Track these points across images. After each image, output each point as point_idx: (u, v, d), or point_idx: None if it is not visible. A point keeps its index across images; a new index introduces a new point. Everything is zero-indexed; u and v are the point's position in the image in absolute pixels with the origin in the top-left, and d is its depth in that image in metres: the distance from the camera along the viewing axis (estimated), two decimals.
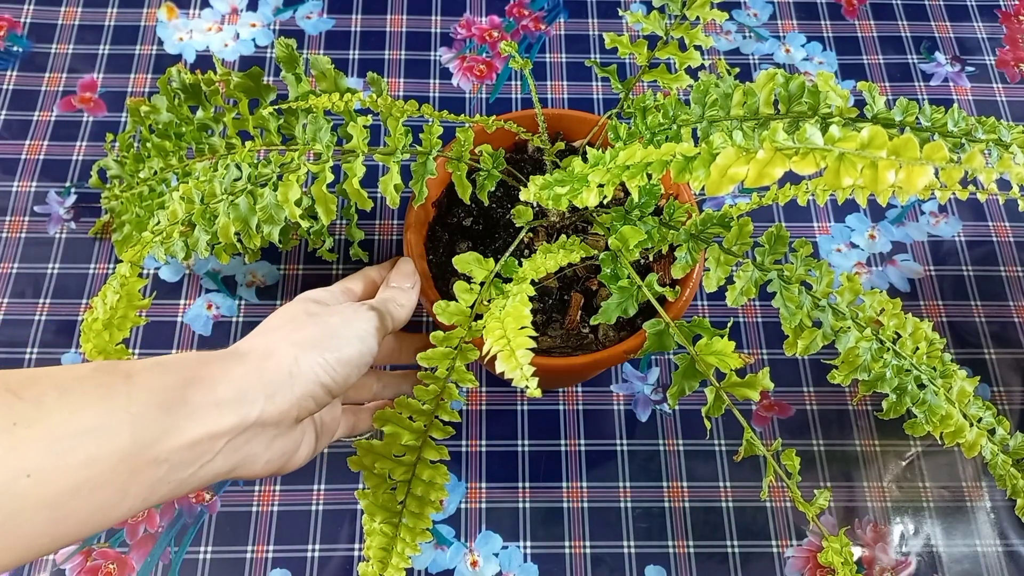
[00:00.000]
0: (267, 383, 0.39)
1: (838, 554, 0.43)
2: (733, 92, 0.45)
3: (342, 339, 0.42)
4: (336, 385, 0.42)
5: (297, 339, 0.42)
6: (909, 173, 0.24)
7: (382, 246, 0.68)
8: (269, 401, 0.39)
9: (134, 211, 0.59)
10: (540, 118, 0.52)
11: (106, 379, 0.35)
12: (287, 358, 0.40)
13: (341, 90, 0.52)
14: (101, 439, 0.33)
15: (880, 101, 0.44)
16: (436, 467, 0.44)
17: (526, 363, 0.34)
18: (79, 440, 0.32)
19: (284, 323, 0.43)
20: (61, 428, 0.32)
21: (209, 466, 0.37)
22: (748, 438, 0.43)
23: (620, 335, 0.51)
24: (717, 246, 0.45)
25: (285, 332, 0.42)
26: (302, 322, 0.43)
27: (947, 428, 0.45)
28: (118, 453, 0.33)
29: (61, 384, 0.33)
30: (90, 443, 0.32)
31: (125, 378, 0.35)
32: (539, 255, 0.45)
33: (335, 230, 0.67)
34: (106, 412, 0.33)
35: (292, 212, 0.45)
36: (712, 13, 0.47)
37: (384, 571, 0.43)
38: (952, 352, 0.65)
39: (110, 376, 0.35)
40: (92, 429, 0.33)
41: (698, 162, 0.31)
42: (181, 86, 0.55)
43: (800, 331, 0.45)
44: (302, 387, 0.40)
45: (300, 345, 0.41)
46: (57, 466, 0.31)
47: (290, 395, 0.40)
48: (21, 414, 0.31)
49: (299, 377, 0.40)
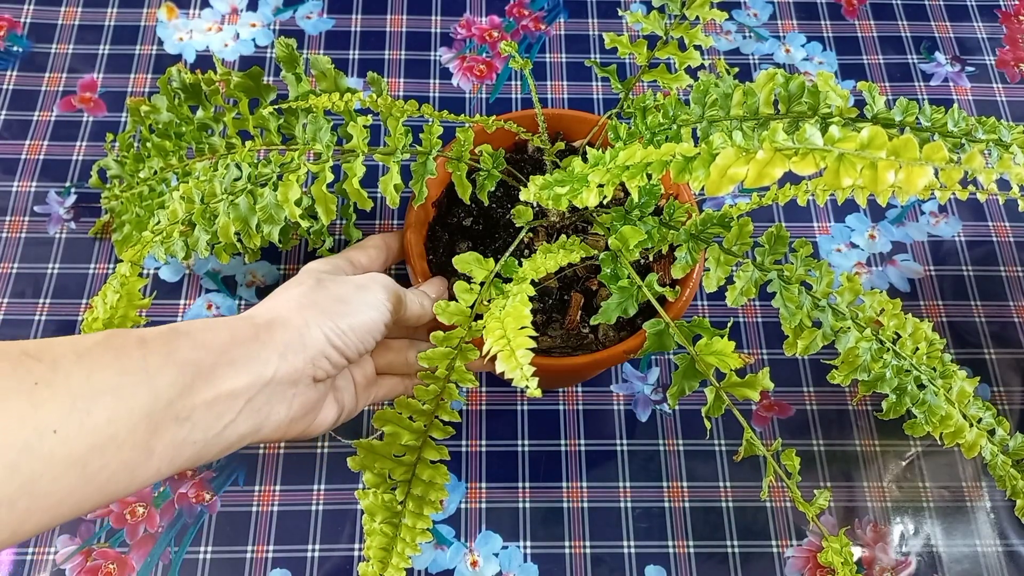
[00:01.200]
0: (279, 343, 0.40)
1: (838, 554, 0.43)
2: (733, 92, 0.45)
3: (352, 306, 0.43)
4: (348, 349, 0.42)
5: (306, 303, 0.42)
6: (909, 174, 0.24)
7: None
8: (283, 360, 0.39)
9: (134, 211, 0.59)
10: (540, 118, 0.52)
11: (119, 343, 0.35)
12: (298, 321, 0.41)
13: (341, 90, 0.52)
14: (121, 397, 0.33)
15: (880, 101, 0.44)
16: (436, 467, 0.44)
17: (526, 363, 0.34)
18: (100, 398, 0.33)
19: (293, 290, 0.44)
20: (81, 387, 0.32)
21: (232, 427, 0.37)
22: (748, 438, 0.43)
23: (620, 335, 0.51)
24: (717, 246, 0.45)
25: (295, 298, 0.43)
26: (311, 288, 0.44)
27: (947, 429, 0.45)
28: (138, 411, 0.34)
29: (77, 348, 0.34)
30: (110, 401, 0.33)
31: (139, 342, 0.36)
32: (539, 255, 0.45)
33: (334, 230, 0.67)
34: (123, 373, 0.34)
35: (292, 212, 0.45)
36: (712, 13, 0.47)
37: (384, 571, 0.43)
38: (952, 352, 0.65)
39: (123, 340, 0.35)
40: (112, 388, 0.33)
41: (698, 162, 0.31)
42: (181, 86, 0.55)
43: (800, 331, 0.45)
44: (313, 347, 0.41)
45: (309, 309, 0.42)
46: (82, 423, 0.32)
47: (303, 354, 0.40)
48: (41, 375, 0.32)
49: (310, 339, 0.41)
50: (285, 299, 0.43)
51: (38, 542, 0.56)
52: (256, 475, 0.59)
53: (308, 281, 0.44)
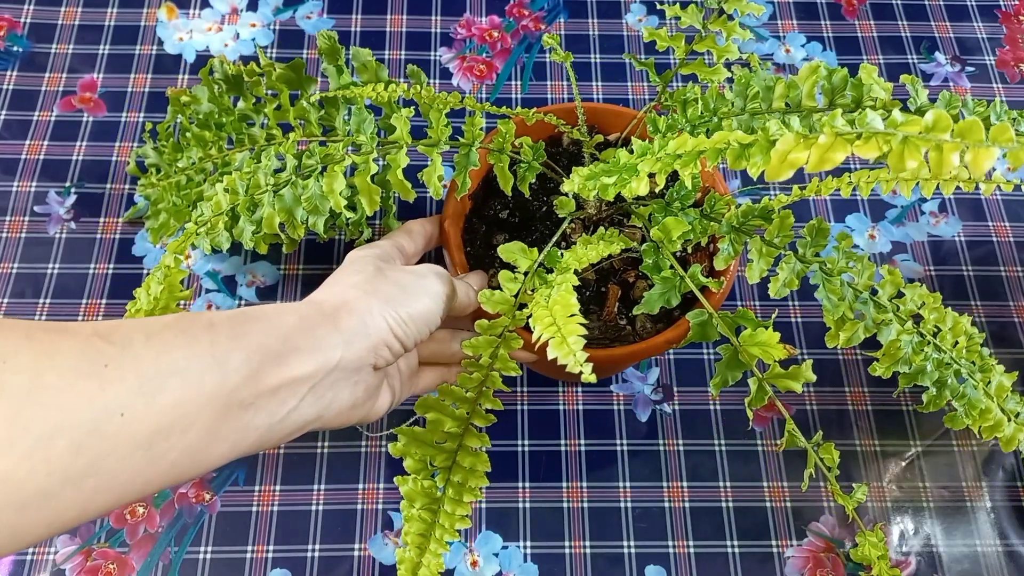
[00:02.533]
0: (344, 330, 0.40)
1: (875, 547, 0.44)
2: (775, 85, 0.45)
3: (413, 295, 0.43)
4: (407, 338, 0.43)
5: (370, 290, 0.42)
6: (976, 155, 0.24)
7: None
8: (348, 347, 0.39)
9: (171, 199, 0.59)
10: (580, 111, 0.53)
11: (189, 326, 0.35)
12: (361, 308, 0.41)
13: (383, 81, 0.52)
14: (188, 380, 0.33)
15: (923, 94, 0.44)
16: (477, 454, 0.44)
17: (579, 349, 0.34)
18: (167, 381, 0.33)
19: (355, 276, 0.44)
20: (150, 369, 0.33)
21: (296, 413, 0.38)
22: (790, 429, 0.44)
23: (656, 327, 0.52)
24: (759, 238, 0.46)
25: (358, 285, 0.43)
26: (372, 275, 0.44)
27: (986, 422, 0.46)
28: (205, 395, 0.34)
29: (147, 330, 0.34)
30: (178, 384, 0.33)
31: (208, 326, 0.36)
32: (580, 246, 0.46)
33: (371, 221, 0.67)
34: (192, 356, 0.34)
35: (337, 203, 0.45)
36: (750, 7, 0.48)
37: (422, 556, 0.43)
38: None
39: (192, 323, 0.36)
40: (179, 371, 0.33)
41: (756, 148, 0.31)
42: (223, 77, 0.56)
43: (842, 323, 0.46)
44: (376, 335, 0.41)
45: (373, 296, 0.42)
46: (149, 404, 0.32)
47: (366, 342, 0.40)
48: (110, 356, 0.32)
49: (373, 327, 0.41)
50: (348, 285, 0.43)
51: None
52: (256, 475, 0.59)
53: (368, 268, 0.44)
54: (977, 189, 0.70)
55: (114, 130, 0.71)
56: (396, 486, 0.59)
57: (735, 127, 0.46)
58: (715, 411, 0.62)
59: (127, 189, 0.69)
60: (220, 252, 0.66)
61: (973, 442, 0.62)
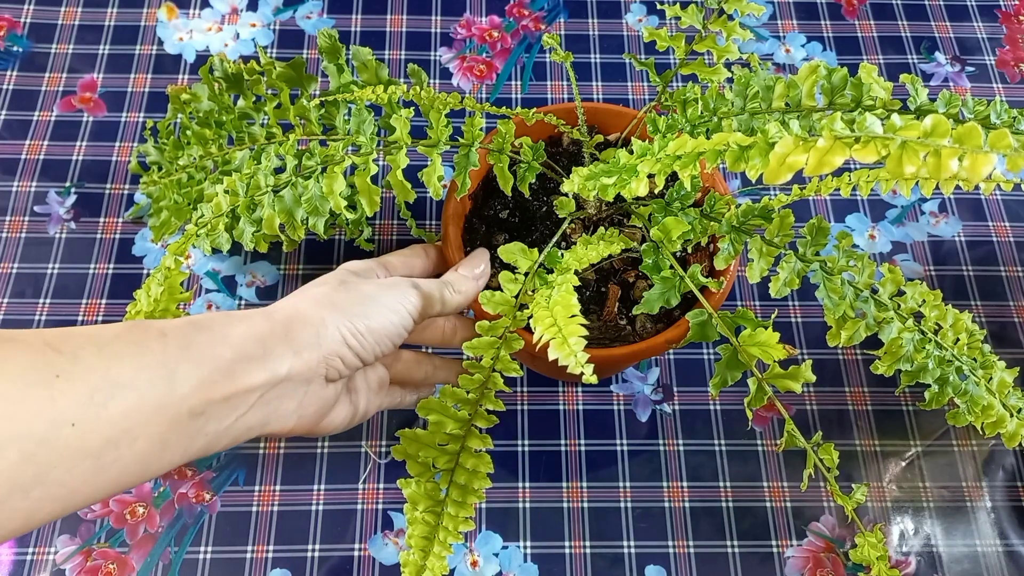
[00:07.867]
0: (293, 340, 0.40)
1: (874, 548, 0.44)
2: (775, 85, 0.45)
3: (372, 308, 0.43)
4: (364, 351, 0.42)
5: (326, 302, 0.42)
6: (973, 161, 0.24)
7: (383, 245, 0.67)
8: (297, 357, 0.39)
9: (172, 197, 0.59)
10: (580, 111, 0.53)
11: (140, 336, 0.36)
12: (314, 318, 0.41)
13: (383, 82, 0.52)
14: (139, 391, 0.34)
15: (923, 93, 0.44)
16: (480, 456, 0.44)
17: (579, 349, 0.35)
18: (118, 392, 0.33)
19: (317, 288, 0.44)
20: (100, 380, 0.33)
21: (243, 419, 0.38)
22: (789, 430, 0.44)
23: (656, 327, 0.52)
24: (759, 237, 0.46)
25: (315, 296, 0.43)
26: (334, 288, 0.44)
27: (988, 419, 0.46)
28: (155, 405, 0.34)
29: (98, 340, 0.34)
30: (128, 395, 0.33)
31: (159, 335, 0.36)
32: (580, 246, 0.46)
33: (373, 222, 0.67)
34: (142, 367, 0.34)
35: (337, 204, 0.45)
36: (750, 7, 0.48)
37: (426, 559, 0.43)
38: None
39: (144, 333, 0.36)
40: (129, 382, 0.33)
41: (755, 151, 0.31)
42: (223, 75, 0.56)
43: (843, 322, 0.46)
44: (328, 346, 0.41)
45: (328, 307, 0.42)
46: (98, 416, 0.32)
47: (317, 352, 0.40)
48: (61, 367, 0.32)
49: (325, 337, 0.41)
50: (306, 296, 0.43)
51: (38, 542, 0.56)
52: (256, 475, 0.59)
53: (332, 281, 0.45)
54: (977, 189, 0.70)
55: (114, 130, 0.71)
56: (396, 486, 0.59)
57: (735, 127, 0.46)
58: (715, 411, 0.62)
59: (127, 189, 0.69)
60: (220, 252, 0.66)
61: (973, 442, 0.62)
